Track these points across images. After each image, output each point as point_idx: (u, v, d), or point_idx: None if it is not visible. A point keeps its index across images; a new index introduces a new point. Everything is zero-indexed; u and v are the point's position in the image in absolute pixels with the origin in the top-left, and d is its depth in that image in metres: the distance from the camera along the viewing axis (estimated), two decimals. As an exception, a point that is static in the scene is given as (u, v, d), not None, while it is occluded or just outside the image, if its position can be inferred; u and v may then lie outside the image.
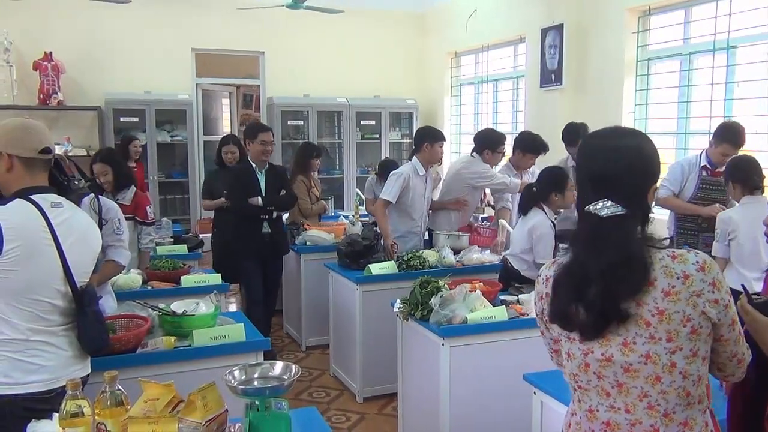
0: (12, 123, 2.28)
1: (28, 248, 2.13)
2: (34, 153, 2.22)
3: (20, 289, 2.13)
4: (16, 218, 2.13)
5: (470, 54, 8.67)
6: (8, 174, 2.22)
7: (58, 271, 2.21)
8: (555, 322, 1.62)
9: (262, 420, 1.85)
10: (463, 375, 3.25)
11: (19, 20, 7.42)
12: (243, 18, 8.17)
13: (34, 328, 2.16)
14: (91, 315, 2.28)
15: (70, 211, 2.30)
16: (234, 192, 5.00)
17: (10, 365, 2.13)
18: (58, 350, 2.22)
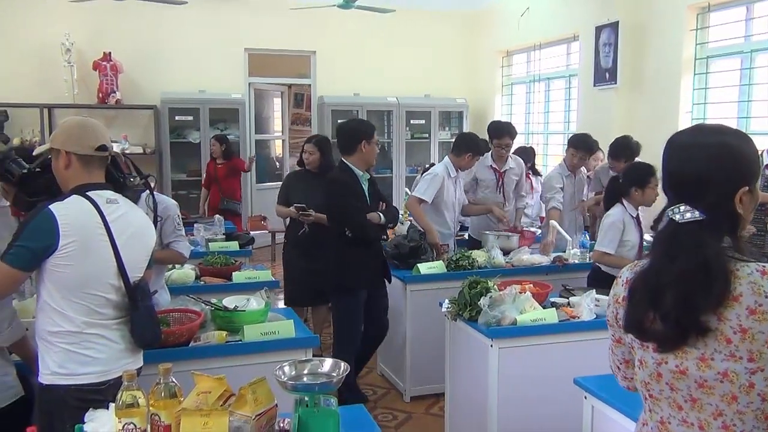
0: (70, 121, 2.34)
1: (83, 244, 2.17)
2: (90, 150, 2.27)
3: (75, 284, 2.18)
4: (72, 214, 2.18)
5: (522, 52, 8.58)
6: (66, 171, 2.27)
7: (112, 266, 2.25)
8: (630, 332, 1.53)
9: (311, 416, 1.86)
10: (512, 377, 3.21)
11: (79, 22, 7.67)
12: (295, 18, 8.25)
13: (88, 321, 2.21)
14: (143, 310, 2.31)
15: (125, 208, 2.34)
16: (348, 206, 3.97)
17: (66, 357, 2.19)
18: (110, 343, 2.26)
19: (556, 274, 4.43)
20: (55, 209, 2.16)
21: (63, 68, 7.63)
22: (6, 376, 2.44)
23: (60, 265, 2.15)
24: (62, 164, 2.27)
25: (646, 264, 1.51)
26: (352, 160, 4.01)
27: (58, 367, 2.19)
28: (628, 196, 3.90)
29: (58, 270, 2.16)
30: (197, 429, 1.76)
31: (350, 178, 3.99)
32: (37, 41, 7.65)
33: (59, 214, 2.15)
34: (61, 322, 2.19)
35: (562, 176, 5.10)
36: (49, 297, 2.19)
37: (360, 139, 3.98)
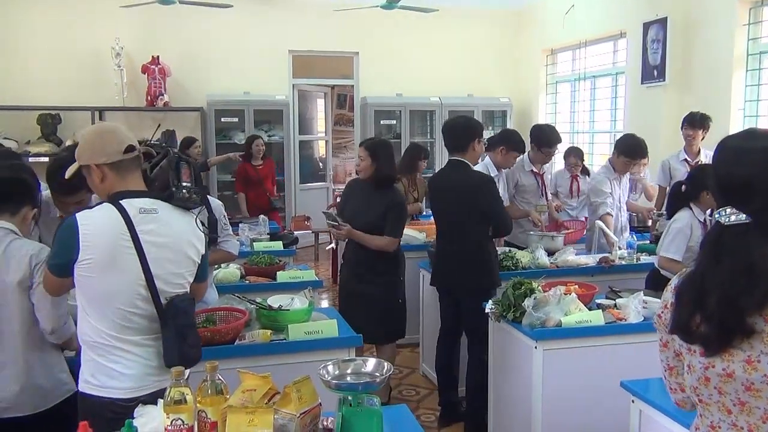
0: (88, 134, 2.25)
1: (105, 256, 2.08)
2: (119, 155, 2.16)
3: (100, 296, 2.12)
4: (97, 224, 2.10)
5: (567, 51, 8.46)
6: (103, 184, 2.18)
7: (140, 280, 2.13)
8: (675, 333, 1.52)
9: (354, 415, 1.87)
10: (557, 379, 3.17)
11: (129, 27, 7.86)
12: (338, 19, 8.30)
13: (115, 335, 2.14)
14: (173, 329, 2.16)
15: (163, 218, 2.19)
16: (501, 202, 4.00)
17: (96, 368, 2.14)
18: (140, 359, 2.15)
19: (602, 276, 4.36)
20: (79, 219, 2.09)
21: (113, 72, 7.83)
22: (61, 373, 2.53)
23: (84, 276, 2.10)
24: (97, 179, 2.18)
25: (693, 267, 1.51)
26: (466, 157, 3.91)
27: (90, 376, 2.15)
28: (697, 200, 3.79)
29: (83, 280, 2.11)
30: (243, 426, 1.78)
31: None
32: (89, 46, 7.87)
33: (82, 224, 2.08)
34: (91, 333, 2.14)
35: (609, 180, 4.96)
36: (82, 306, 2.17)
37: (474, 137, 3.91)
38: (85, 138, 2.22)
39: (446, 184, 3.96)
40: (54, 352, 2.53)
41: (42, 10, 7.78)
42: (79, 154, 2.20)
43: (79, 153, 2.21)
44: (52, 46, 7.81)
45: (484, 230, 3.87)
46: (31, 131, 7.72)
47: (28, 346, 2.42)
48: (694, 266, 1.50)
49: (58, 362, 2.53)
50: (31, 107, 7.65)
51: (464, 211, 3.84)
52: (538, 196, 5.17)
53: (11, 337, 2.40)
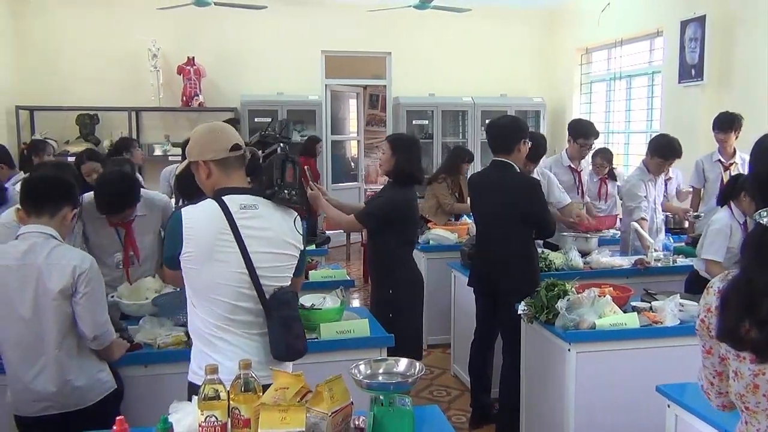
0: (199, 131, 2.32)
1: (206, 250, 2.15)
2: (225, 153, 2.23)
3: (202, 288, 2.18)
4: (198, 219, 2.17)
5: (602, 50, 8.35)
6: (209, 180, 2.26)
7: (243, 273, 2.18)
8: (724, 341, 1.48)
9: (386, 415, 1.87)
10: (591, 383, 3.13)
11: (165, 29, 7.97)
12: (371, 20, 8.32)
13: (219, 326, 2.19)
14: (278, 320, 2.21)
15: (264, 215, 2.24)
16: (546, 204, 4.00)
17: (201, 358, 2.20)
18: (241, 353, 2.16)
19: (637, 277, 4.30)
20: (184, 213, 2.18)
21: (149, 73, 7.95)
22: (101, 372, 2.59)
23: (188, 268, 2.17)
24: (204, 175, 2.26)
25: (738, 271, 1.46)
26: (510, 158, 3.80)
27: (197, 367, 2.21)
28: (737, 199, 3.72)
29: (188, 272, 2.19)
30: (275, 424, 1.79)
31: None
32: (126, 48, 8.01)
33: (185, 217, 2.16)
34: (200, 324, 2.22)
35: (644, 182, 4.88)
36: (190, 299, 2.25)
37: (520, 138, 3.80)
38: (196, 135, 2.30)
39: (490, 186, 3.88)
40: (91, 354, 2.57)
41: (81, 13, 7.94)
42: (189, 151, 2.28)
43: (189, 150, 2.29)
44: (90, 49, 7.97)
45: (528, 232, 3.81)
46: (70, 131, 7.89)
47: (65, 350, 2.47)
48: (739, 270, 1.46)
49: (96, 364, 2.58)
50: (70, 108, 7.82)
51: (508, 213, 3.74)
52: (574, 193, 5.10)
53: (49, 342, 2.45)
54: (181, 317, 3.10)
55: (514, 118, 4.40)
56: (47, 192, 2.56)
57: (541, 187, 3.93)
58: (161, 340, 2.90)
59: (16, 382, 2.47)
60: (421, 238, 5.54)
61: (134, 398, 2.77)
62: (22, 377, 2.45)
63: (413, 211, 3.88)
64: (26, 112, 7.78)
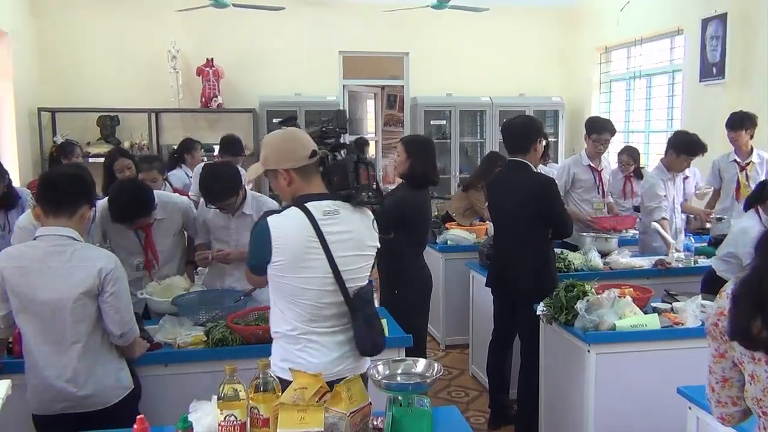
0: (276, 139, 2.34)
1: (296, 259, 2.19)
2: (306, 160, 2.27)
3: (292, 293, 2.23)
4: (286, 228, 2.21)
5: (621, 48, 8.28)
6: (290, 187, 2.29)
7: (329, 277, 2.23)
8: (735, 339, 1.46)
9: (404, 415, 1.87)
10: (610, 384, 3.11)
11: (184, 31, 8.03)
12: (388, 20, 8.32)
13: (304, 327, 2.25)
14: (362, 319, 2.27)
15: (346, 219, 2.29)
16: (563, 204, 4.00)
17: (285, 355, 2.27)
18: (325, 350, 2.26)
19: (658, 278, 4.26)
20: (271, 223, 2.21)
21: (169, 75, 8.01)
22: (120, 371, 2.61)
23: (276, 275, 2.22)
24: (284, 183, 2.28)
25: (749, 270, 1.44)
26: (527, 158, 3.78)
27: (280, 361, 2.27)
28: (765, 204, 3.67)
29: (275, 279, 2.24)
30: (294, 423, 1.80)
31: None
32: (146, 50, 8.07)
33: (273, 227, 2.20)
34: (282, 324, 2.28)
35: (663, 181, 4.83)
36: (273, 299, 2.30)
37: (536, 137, 3.78)
38: (274, 143, 2.32)
39: (506, 186, 3.86)
40: (113, 354, 2.61)
41: (102, 16, 8.01)
42: (267, 159, 2.31)
43: (266, 158, 2.31)
44: (111, 51, 8.04)
45: (545, 232, 3.78)
46: (91, 132, 7.97)
47: (88, 351, 2.50)
48: (750, 269, 1.45)
49: (116, 364, 2.61)
50: (92, 109, 7.89)
51: (525, 213, 3.72)
52: (595, 192, 5.06)
53: (71, 342, 2.48)
54: (201, 317, 3.12)
55: (529, 117, 4.39)
56: (65, 190, 2.56)
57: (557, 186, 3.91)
58: (181, 339, 2.92)
59: (37, 381, 2.49)
60: (439, 239, 5.54)
61: (154, 397, 2.80)
62: (42, 376, 2.47)
63: (425, 212, 3.88)
64: (48, 113, 7.86)
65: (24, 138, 7.44)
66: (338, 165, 2.34)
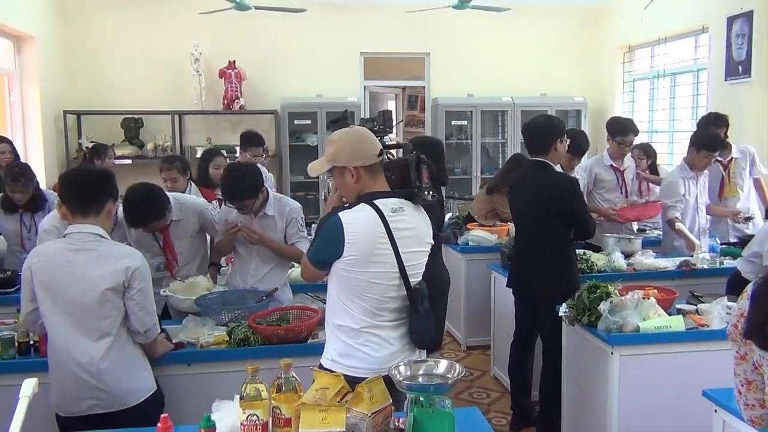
0: (346, 137, 2.36)
1: (366, 254, 2.25)
2: (374, 159, 2.32)
3: (359, 288, 2.28)
4: (359, 224, 2.25)
5: (645, 47, 8.20)
6: (356, 184, 2.33)
7: (395, 272, 2.29)
8: (750, 338, 1.44)
9: (426, 416, 1.87)
10: (634, 386, 3.07)
11: (207, 33, 8.09)
12: (409, 21, 8.31)
13: (368, 321, 2.30)
14: (423, 313, 2.35)
15: (409, 215, 2.35)
16: (585, 205, 3.97)
17: (345, 349, 2.32)
18: (385, 343, 2.33)
19: (683, 280, 4.21)
20: (344, 219, 2.25)
21: (192, 77, 8.07)
22: (144, 371, 2.64)
23: (346, 270, 2.27)
24: (351, 180, 2.33)
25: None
26: (548, 158, 3.77)
27: (339, 356, 2.32)
28: None
29: (344, 274, 2.27)
30: (316, 423, 1.81)
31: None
32: (169, 52, 8.14)
33: (347, 222, 2.24)
34: (345, 318, 2.32)
35: (684, 179, 4.77)
36: (337, 293, 2.33)
37: (556, 137, 3.76)
38: (344, 141, 2.34)
39: (528, 186, 3.84)
40: (137, 355, 2.64)
41: (126, 19, 8.10)
42: (336, 156, 2.33)
43: (335, 155, 2.33)
44: (135, 54, 8.13)
45: (567, 233, 3.76)
46: (116, 135, 8.06)
47: (113, 348, 2.54)
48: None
49: (141, 364, 2.65)
50: (116, 111, 8.00)
51: (546, 213, 3.69)
52: (618, 192, 5.01)
53: (96, 340, 2.51)
54: (223, 317, 3.15)
55: (549, 117, 4.37)
56: (90, 191, 2.60)
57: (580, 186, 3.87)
58: (204, 339, 2.95)
59: (62, 377, 2.53)
60: (460, 239, 5.53)
61: (177, 396, 2.82)
62: (68, 371, 2.51)
63: (433, 212, 3.82)
64: (73, 116, 7.98)
65: (50, 140, 7.55)
66: (397, 163, 2.38)
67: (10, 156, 5.40)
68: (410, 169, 2.35)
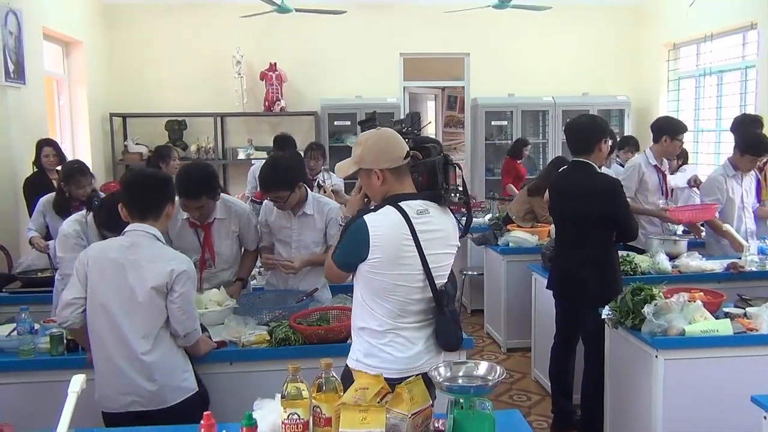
0: (373, 139, 2.34)
1: (392, 256, 2.24)
2: (400, 161, 2.30)
3: (384, 289, 2.27)
4: (384, 227, 2.24)
5: (691, 45, 8.02)
6: (382, 186, 2.32)
7: (420, 274, 2.28)
8: None
9: (466, 418, 1.86)
10: (679, 392, 3.01)
11: (248, 36, 8.20)
12: (449, 21, 8.29)
13: (392, 322, 2.29)
14: (448, 314, 2.34)
15: (435, 218, 2.33)
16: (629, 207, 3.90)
17: (370, 350, 2.31)
18: (410, 344, 2.31)
19: (730, 282, 4.10)
20: (369, 221, 2.25)
21: (234, 79, 8.20)
22: (185, 372, 2.70)
23: (371, 272, 2.26)
24: (377, 182, 2.32)
25: None
26: (591, 159, 3.71)
27: (364, 356, 2.32)
28: None
29: (369, 276, 2.28)
30: (356, 423, 1.81)
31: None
32: (211, 55, 8.28)
33: (372, 225, 2.24)
34: (369, 320, 2.32)
35: (726, 178, 4.66)
36: (362, 295, 2.34)
37: (600, 137, 3.71)
38: (371, 143, 2.33)
39: (570, 187, 3.78)
40: (179, 356, 2.69)
41: (170, 25, 8.27)
42: (362, 158, 2.33)
43: (361, 157, 2.33)
44: (179, 58, 8.29)
45: (609, 235, 3.69)
46: (159, 137, 8.21)
47: (157, 347, 2.60)
48: None
49: (183, 365, 2.69)
50: (160, 114, 8.16)
51: (589, 214, 3.63)
52: (660, 194, 4.89)
53: (139, 337, 2.58)
54: (264, 317, 3.18)
55: (592, 116, 4.30)
56: (149, 197, 2.70)
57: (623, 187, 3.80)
58: (245, 338, 2.98)
59: (104, 375, 2.59)
60: (500, 240, 5.49)
61: (220, 395, 2.86)
62: (110, 370, 2.58)
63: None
64: (119, 119, 8.17)
65: (97, 142, 7.76)
66: (425, 165, 2.35)
67: (54, 159, 5.55)
68: (437, 171, 2.32)
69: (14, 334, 2.97)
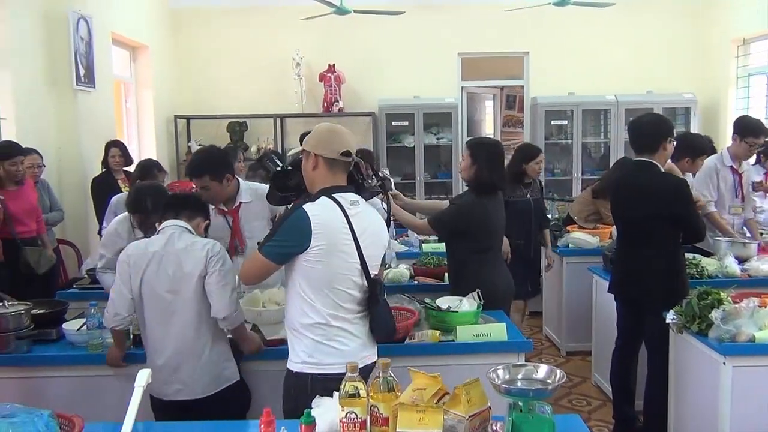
0: (321, 127, 2.52)
1: (331, 244, 2.33)
2: (336, 155, 2.40)
3: (324, 280, 2.35)
4: (324, 216, 2.34)
5: (762, 40, 7.70)
6: (313, 172, 2.44)
7: (356, 264, 2.39)
8: None
9: (525, 421, 1.84)
10: (748, 400, 2.90)
11: (307, 38, 8.30)
12: (508, 20, 8.19)
13: (333, 314, 2.37)
14: (383, 303, 2.46)
15: (364, 209, 2.47)
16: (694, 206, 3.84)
17: (314, 347, 2.37)
18: (353, 336, 2.40)
19: (805, 288, 3.92)
20: (309, 210, 2.34)
21: (293, 81, 8.31)
22: (227, 361, 2.79)
23: (311, 262, 2.33)
24: (310, 165, 2.44)
25: None
26: (655, 158, 3.61)
27: (307, 356, 2.37)
28: None
29: (308, 266, 2.34)
30: (413, 424, 1.81)
31: None
32: (272, 58, 8.41)
33: (312, 214, 2.33)
34: (311, 314, 2.37)
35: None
36: (301, 290, 2.38)
37: (666, 136, 3.60)
38: (319, 130, 2.50)
39: (634, 187, 3.68)
40: (222, 341, 2.80)
41: (232, 29, 8.44)
42: (307, 140, 2.49)
43: (307, 139, 2.49)
44: (240, 60, 8.46)
45: (675, 236, 3.59)
46: (221, 138, 8.39)
47: (201, 334, 2.72)
48: None
49: (225, 351, 2.80)
50: (222, 116, 8.34)
51: (654, 216, 3.53)
52: (734, 195, 4.72)
53: (186, 325, 2.70)
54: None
55: (657, 115, 4.19)
56: (182, 204, 2.90)
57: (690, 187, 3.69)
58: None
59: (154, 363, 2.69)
60: (560, 242, 5.40)
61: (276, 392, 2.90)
62: (159, 357, 2.70)
63: (492, 219, 3.61)
64: (183, 120, 8.39)
65: (162, 143, 7.99)
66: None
67: (120, 160, 5.74)
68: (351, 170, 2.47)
69: (84, 329, 3.09)
